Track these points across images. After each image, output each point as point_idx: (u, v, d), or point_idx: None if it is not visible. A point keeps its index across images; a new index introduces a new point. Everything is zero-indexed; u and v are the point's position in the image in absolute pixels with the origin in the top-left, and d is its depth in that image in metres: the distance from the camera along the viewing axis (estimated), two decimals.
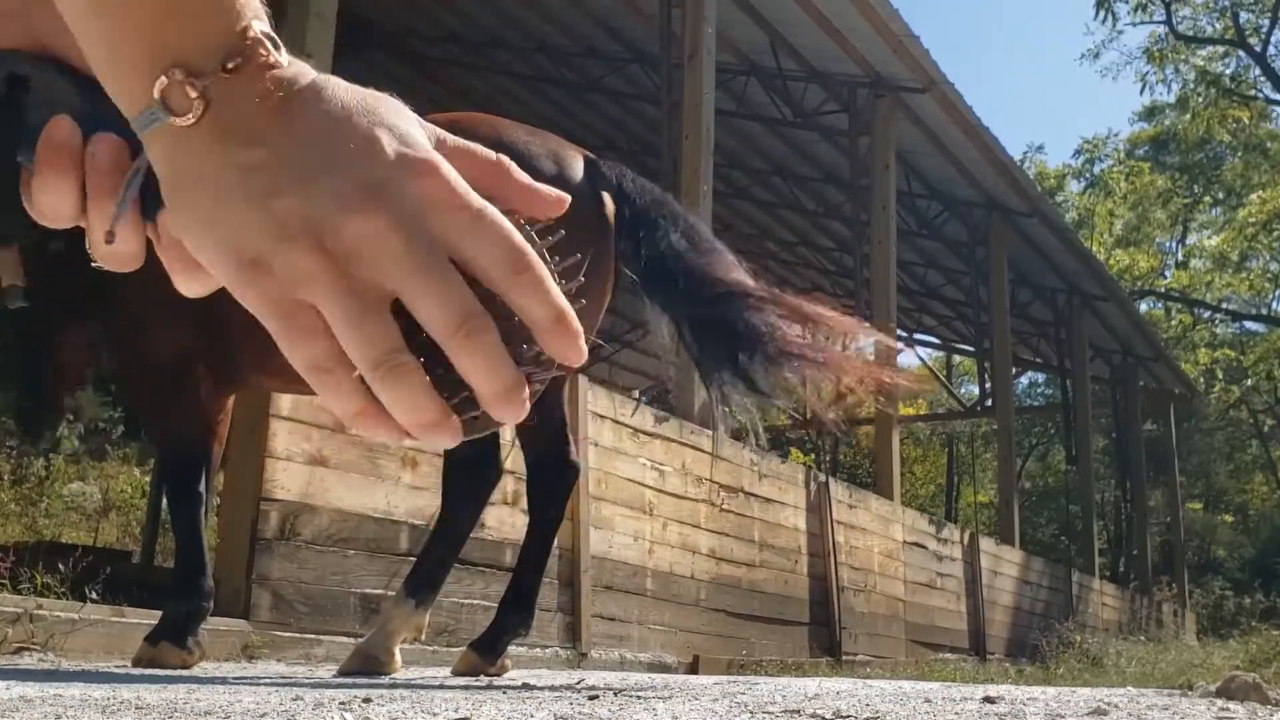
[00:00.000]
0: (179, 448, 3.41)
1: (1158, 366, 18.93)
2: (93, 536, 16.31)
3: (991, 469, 31.40)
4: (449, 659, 3.81)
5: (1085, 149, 31.44)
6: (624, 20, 10.69)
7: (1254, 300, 28.31)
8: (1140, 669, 6.49)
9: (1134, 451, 18.48)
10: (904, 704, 2.13)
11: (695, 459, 6.51)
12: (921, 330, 19.77)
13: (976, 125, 10.87)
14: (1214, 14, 22.65)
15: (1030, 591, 12.25)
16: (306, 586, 4.17)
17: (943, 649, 9.47)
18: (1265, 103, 24.69)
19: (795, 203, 14.24)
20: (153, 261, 0.57)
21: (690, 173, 7.44)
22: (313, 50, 4.95)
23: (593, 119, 13.42)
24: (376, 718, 1.74)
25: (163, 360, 3.39)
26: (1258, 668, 4.48)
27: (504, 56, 12.00)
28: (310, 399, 4.26)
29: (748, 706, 2.04)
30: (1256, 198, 24.11)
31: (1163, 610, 17.65)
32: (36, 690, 2.07)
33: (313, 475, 4.25)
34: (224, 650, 3.81)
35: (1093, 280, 15.00)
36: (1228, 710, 2.01)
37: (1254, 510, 33.55)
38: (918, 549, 9.49)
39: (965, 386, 28.59)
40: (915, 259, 15.43)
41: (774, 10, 9.59)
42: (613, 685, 2.65)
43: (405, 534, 4.58)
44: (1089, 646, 9.34)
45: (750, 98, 11.23)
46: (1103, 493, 27.91)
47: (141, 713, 1.76)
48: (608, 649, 5.61)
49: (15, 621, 3.38)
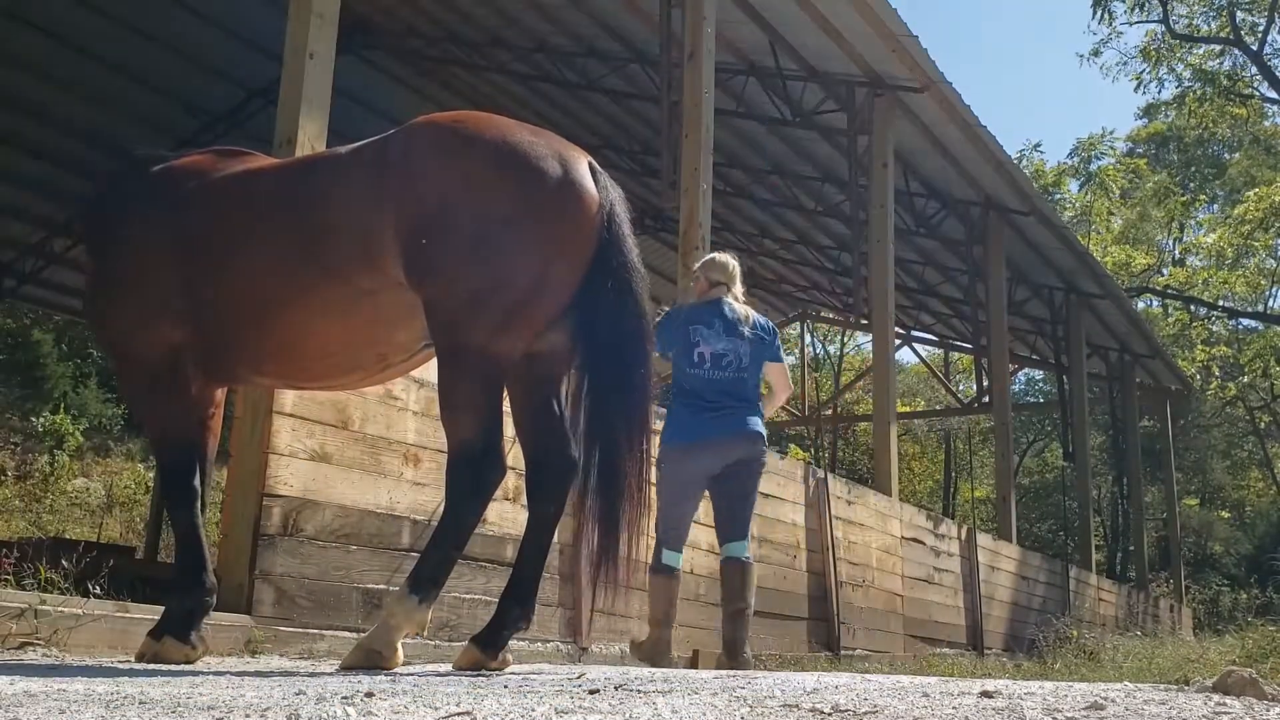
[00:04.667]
0: (172, 444, 3.44)
1: (1154, 364, 18.95)
2: (96, 532, 16.34)
3: (989, 465, 31.42)
4: (450, 654, 3.84)
5: (1081, 148, 31.43)
6: (624, 20, 10.70)
7: (1250, 297, 28.31)
8: (1137, 664, 6.51)
9: (1131, 448, 18.51)
10: (902, 698, 2.15)
11: None
12: (919, 328, 19.80)
13: (974, 124, 10.89)
14: (1211, 13, 22.64)
15: (1027, 587, 12.28)
16: (309, 582, 4.20)
17: (940, 644, 9.50)
18: (1262, 101, 24.69)
19: (794, 201, 14.26)
20: (146, 261, 0.58)
21: (690, 172, 7.46)
22: (315, 50, 4.96)
23: (593, 118, 13.42)
24: (379, 712, 1.75)
25: (152, 358, 3.41)
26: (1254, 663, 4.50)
27: (504, 56, 12.00)
28: (313, 395, 4.28)
29: (746, 701, 2.06)
30: (1253, 195, 24.10)
31: (1159, 606, 17.68)
32: (41, 685, 2.08)
33: (315, 471, 4.27)
34: (227, 645, 3.83)
35: (1090, 278, 15.03)
36: (1224, 705, 2.03)
37: (1250, 506, 33.59)
38: (916, 545, 9.51)
39: (963, 383, 28.58)
40: (913, 257, 15.44)
41: (773, 10, 9.60)
42: (613, 680, 2.67)
43: (407, 530, 4.61)
44: (1086, 642, 9.37)
45: (750, 97, 11.24)
46: (1100, 489, 27.93)
47: (145, 707, 1.78)
48: (608, 644, 5.64)
49: (19, 617, 3.40)
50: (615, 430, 3.10)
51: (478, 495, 3.08)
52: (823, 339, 31.03)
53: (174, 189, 3.52)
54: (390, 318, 3.20)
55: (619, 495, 3.10)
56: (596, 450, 3.12)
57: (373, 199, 3.10)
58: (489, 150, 3.07)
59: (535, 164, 3.06)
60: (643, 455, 3.14)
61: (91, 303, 3.69)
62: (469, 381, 3.04)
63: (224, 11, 11.69)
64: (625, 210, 3.20)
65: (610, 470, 3.10)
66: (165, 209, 3.46)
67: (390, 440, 4.61)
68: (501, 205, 3.02)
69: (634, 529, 3.13)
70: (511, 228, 3.01)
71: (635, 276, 3.16)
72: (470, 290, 2.99)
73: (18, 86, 12.74)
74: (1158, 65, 24.29)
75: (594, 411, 3.12)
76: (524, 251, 3.01)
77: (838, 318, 20.50)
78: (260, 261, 3.25)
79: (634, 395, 3.14)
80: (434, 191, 3.04)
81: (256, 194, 3.37)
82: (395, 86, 13.20)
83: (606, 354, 3.10)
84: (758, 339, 4.80)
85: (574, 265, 3.08)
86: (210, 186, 3.45)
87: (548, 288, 3.05)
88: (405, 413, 4.70)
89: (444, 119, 3.26)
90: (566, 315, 3.12)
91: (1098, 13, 20.94)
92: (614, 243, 3.12)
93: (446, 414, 3.08)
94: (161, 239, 3.41)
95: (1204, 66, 24.01)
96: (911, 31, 9.42)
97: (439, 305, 3.03)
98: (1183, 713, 1.90)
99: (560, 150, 3.14)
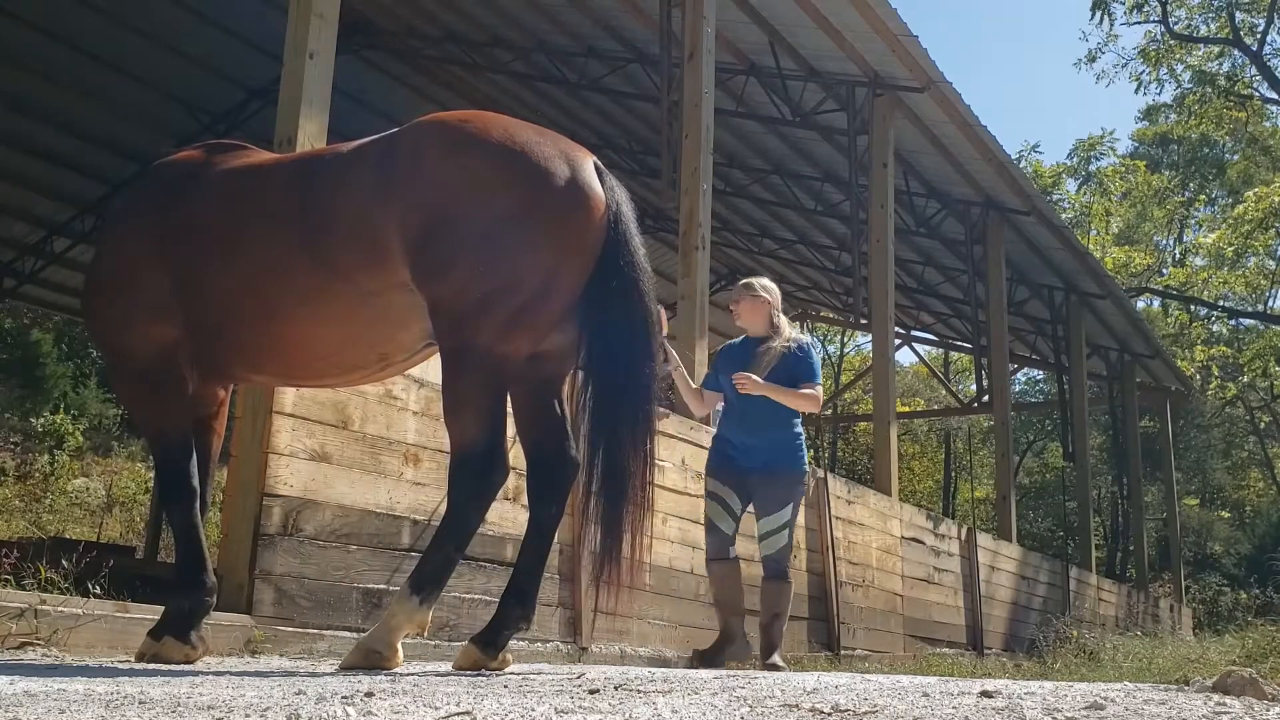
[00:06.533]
0: (167, 444, 3.40)
1: (1154, 363, 18.94)
2: (96, 532, 16.35)
3: (989, 465, 31.43)
4: (450, 653, 3.84)
5: (1080, 149, 31.44)
6: (624, 20, 10.70)
7: (1250, 297, 28.32)
8: (1137, 664, 6.51)
9: (1131, 448, 18.50)
10: (902, 698, 2.15)
11: (694, 454, 6.53)
12: (920, 327, 19.81)
13: (974, 124, 10.88)
14: (1210, 14, 22.66)
15: (1027, 587, 12.28)
16: (309, 582, 4.19)
17: (940, 644, 9.49)
18: (1262, 102, 24.69)
19: (794, 201, 14.26)
20: (138, 258, 0.57)
21: (690, 171, 7.46)
22: (315, 50, 4.96)
23: (593, 118, 13.42)
24: (379, 712, 1.75)
25: (145, 357, 3.40)
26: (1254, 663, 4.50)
27: (504, 56, 12.00)
28: (313, 394, 4.28)
29: (746, 700, 2.06)
30: (1252, 195, 24.10)
31: (1159, 606, 17.68)
32: (40, 685, 2.08)
33: (315, 471, 4.27)
34: (227, 645, 3.83)
35: (1090, 278, 15.02)
36: (1224, 705, 2.03)
37: (1250, 506, 33.59)
38: (916, 544, 9.51)
39: (962, 383, 28.58)
40: (913, 257, 15.45)
41: (773, 10, 9.61)
42: (613, 680, 2.67)
43: (407, 529, 4.60)
44: (1086, 642, 9.37)
45: (750, 97, 11.24)
46: (1100, 489, 27.94)
47: (145, 707, 1.77)
48: (608, 644, 5.64)
49: (19, 617, 3.39)
50: (620, 431, 3.09)
51: (480, 496, 3.07)
52: (823, 339, 31.05)
53: (169, 185, 3.51)
54: (393, 318, 3.18)
55: (622, 496, 3.09)
56: (600, 450, 3.11)
57: (377, 198, 3.07)
58: (496, 150, 3.05)
59: (542, 164, 3.04)
60: (646, 456, 3.14)
61: (86, 300, 3.68)
62: (473, 382, 3.02)
63: (224, 11, 11.69)
64: (631, 210, 3.19)
65: (614, 471, 3.09)
66: (160, 205, 3.45)
67: (390, 440, 4.61)
68: (508, 205, 3.00)
69: (637, 530, 3.12)
70: (518, 228, 2.99)
71: (642, 276, 3.14)
72: (476, 291, 2.97)
73: (18, 86, 12.74)
74: (1157, 66, 24.30)
75: (598, 412, 3.11)
76: (531, 252, 3.00)
77: (838, 318, 20.50)
78: (259, 259, 3.22)
79: (639, 396, 3.13)
80: (441, 191, 3.02)
81: (255, 190, 3.33)
82: (395, 86, 13.21)
83: (612, 354, 3.09)
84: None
85: (581, 265, 3.07)
86: (206, 182, 3.42)
87: (554, 288, 3.04)
88: (405, 412, 4.70)
89: (450, 118, 3.24)
90: (572, 315, 3.12)
91: (1096, 14, 20.95)
92: (620, 242, 3.11)
93: (450, 415, 3.06)
94: (154, 236, 3.38)
95: (1203, 68, 24.02)
96: (911, 31, 9.42)
97: (444, 306, 3.01)
98: (1183, 713, 1.90)
99: (566, 150, 3.13)
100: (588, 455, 3.13)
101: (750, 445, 5.09)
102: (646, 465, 3.13)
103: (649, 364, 3.17)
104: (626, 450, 3.09)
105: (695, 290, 7.23)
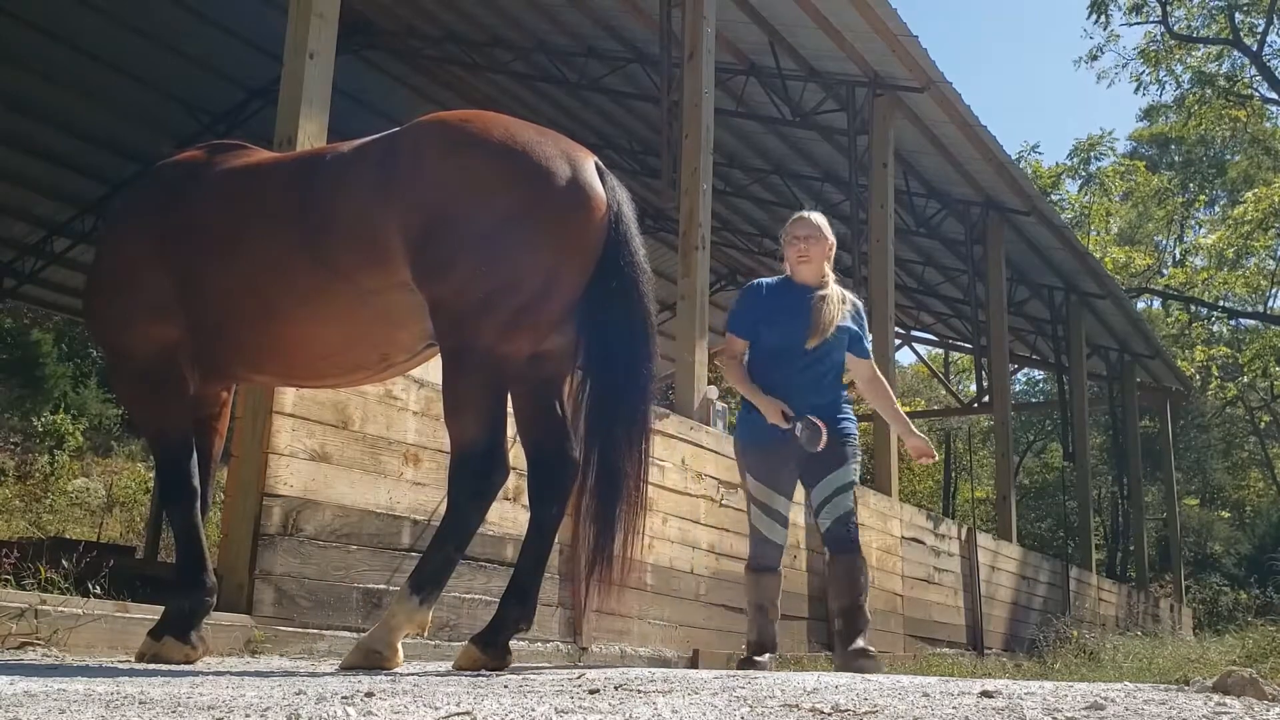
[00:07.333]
0: (167, 444, 3.40)
1: (1154, 364, 18.95)
2: (96, 532, 16.36)
3: (989, 465, 31.45)
4: (450, 653, 3.84)
5: (1079, 150, 31.44)
6: (624, 20, 10.70)
7: (1250, 298, 28.32)
8: (1137, 664, 6.51)
9: (1131, 448, 18.51)
10: (902, 698, 2.15)
11: (694, 454, 6.53)
12: (919, 327, 19.80)
13: (974, 124, 10.89)
14: (1209, 14, 22.67)
15: (1027, 587, 12.28)
16: (309, 582, 4.19)
17: (940, 644, 9.50)
18: (1262, 102, 24.70)
19: (794, 201, 14.25)
20: (138, 257, 0.58)
21: (690, 172, 7.46)
22: (315, 50, 4.96)
23: (593, 118, 13.42)
24: (379, 712, 1.75)
25: (145, 357, 3.39)
26: (1254, 663, 4.51)
27: (504, 56, 12.00)
28: (313, 394, 4.28)
29: (747, 700, 2.06)
30: (1252, 195, 24.11)
31: (1159, 606, 17.68)
32: (40, 685, 2.08)
33: (315, 471, 4.27)
34: (227, 645, 3.83)
35: (1090, 278, 15.02)
36: (1224, 705, 2.03)
37: (1250, 506, 33.62)
38: (916, 544, 9.51)
39: (963, 383, 28.58)
40: (913, 257, 15.45)
41: (773, 10, 9.61)
42: (613, 680, 2.67)
43: (407, 530, 4.61)
44: (1086, 642, 9.37)
45: (750, 97, 11.25)
46: (1100, 489, 27.95)
47: (145, 707, 1.77)
48: (608, 644, 5.64)
49: (19, 617, 3.39)
50: (616, 431, 3.10)
51: (481, 496, 3.07)
52: None
53: (169, 185, 3.51)
54: (393, 318, 3.18)
55: (617, 495, 3.10)
56: (596, 450, 3.12)
57: (378, 198, 3.07)
58: (497, 150, 3.05)
59: (543, 164, 3.04)
60: (642, 456, 3.14)
61: (87, 299, 3.68)
62: (474, 382, 3.02)
63: (224, 11, 11.69)
64: (632, 210, 3.20)
65: (609, 470, 3.10)
66: (160, 205, 3.45)
67: (390, 440, 4.61)
68: (509, 205, 3.00)
69: (631, 529, 3.13)
70: (520, 228, 2.99)
71: (642, 276, 3.15)
72: (477, 291, 2.97)
73: (18, 86, 12.74)
74: (1157, 67, 24.31)
75: (596, 411, 3.12)
76: (532, 252, 3.00)
77: None
78: (259, 259, 3.21)
79: (636, 396, 3.14)
80: (441, 191, 3.02)
81: (255, 190, 3.33)
82: (395, 86, 13.21)
83: (612, 354, 3.10)
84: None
85: (582, 266, 3.07)
86: (206, 182, 3.41)
87: (556, 288, 3.04)
88: (405, 412, 4.70)
89: (451, 118, 3.24)
90: (572, 315, 3.12)
91: (1094, 14, 20.94)
92: (621, 242, 3.12)
93: (450, 415, 3.06)
94: (154, 236, 3.38)
95: (1203, 68, 24.03)
96: (911, 31, 9.43)
97: (446, 306, 3.01)
98: (1183, 713, 1.90)
99: (567, 150, 3.13)
100: (584, 454, 3.14)
101: (798, 410, 4.32)
102: (642, 465, 3.14)
103: (648, 364, 3.17)
104: (622, 450, 3.10)
105: (695, 290, 7.24)
